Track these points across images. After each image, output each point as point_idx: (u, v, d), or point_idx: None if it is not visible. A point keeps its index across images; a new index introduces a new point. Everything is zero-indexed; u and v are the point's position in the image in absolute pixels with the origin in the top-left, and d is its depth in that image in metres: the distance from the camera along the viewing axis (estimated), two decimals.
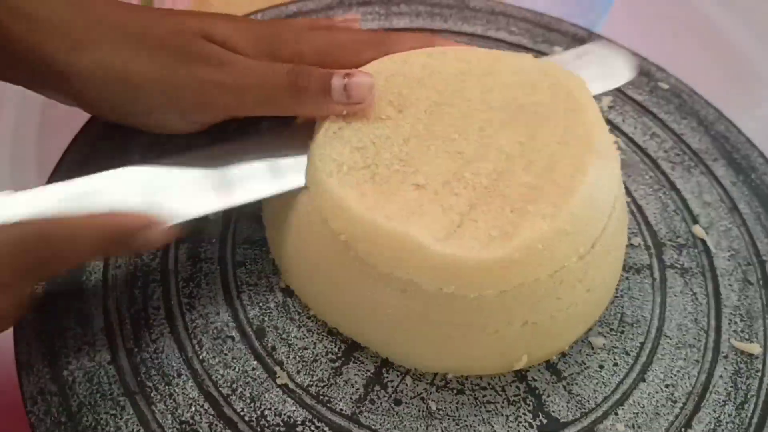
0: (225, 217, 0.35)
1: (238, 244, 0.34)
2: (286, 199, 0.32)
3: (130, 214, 0.28)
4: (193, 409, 0.29)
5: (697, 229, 0.38)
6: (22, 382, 0.29)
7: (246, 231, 0.35)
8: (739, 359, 0.33)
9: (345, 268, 0.30)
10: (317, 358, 0.31)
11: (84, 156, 0.36)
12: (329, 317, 0.32)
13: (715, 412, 0.31)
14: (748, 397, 0.32)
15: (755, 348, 0.33)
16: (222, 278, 0.33)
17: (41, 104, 0.48)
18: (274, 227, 0.34)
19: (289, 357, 0.31)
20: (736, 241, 0.38)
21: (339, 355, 0.31)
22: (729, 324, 0.34)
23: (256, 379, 0.30)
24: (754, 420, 0.31)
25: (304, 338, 0.32)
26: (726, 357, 0.33)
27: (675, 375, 0.32)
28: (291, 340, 0.31)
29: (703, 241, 0.37)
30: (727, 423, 0.31)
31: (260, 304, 0.32)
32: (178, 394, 0.29)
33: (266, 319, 0.32)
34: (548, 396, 0.31)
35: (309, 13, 0.46)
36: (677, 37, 0.59)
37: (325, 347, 0.31)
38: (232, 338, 0.31)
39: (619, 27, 0.54)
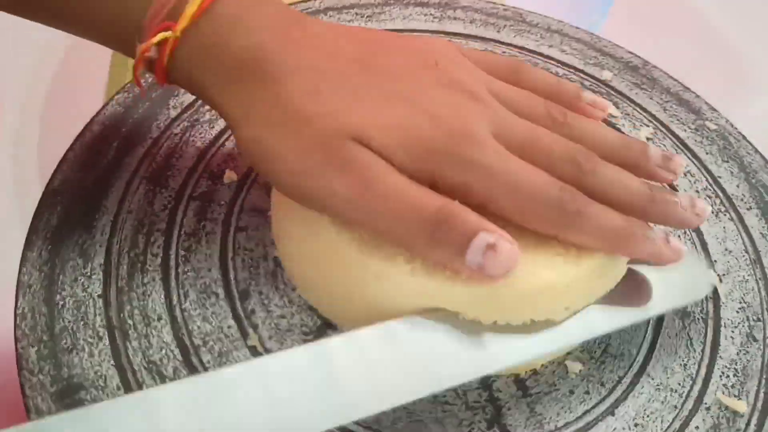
0: (239, 184, 0.37)
1: (246, 211, 0.36)
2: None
3: None
4: (163, 352, 0.31)
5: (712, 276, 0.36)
6: (18, 298, 0.31)
7: (254, 199, 0.36)
8: (721, 414, 0.32)
9: (329, 253, 0.31)
10: (291, 328, 0.32)
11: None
12: (309, 297, 0.33)
13: None
14: None
15: (742, 406, 0.32)
16: (221, 239, 0.35)
17: (43, 105, 0.48)
18: (274, 204, 0.35)
19: (264, 322, 0.32)
20: (750, 294, 0.36)
21: (313, 329, 0.32)
22: (720, 377, 0.33)
23: (228, 337, 0.32)
24: None
25: (284, 308, 0.33)
26: (708, 409, 0.32)
27: (647, 416, 0.31)
28: (271, 307, 0.33)
29: (715, 290, 0.36)
30: None
31: (251, 269, 0.34)
32: (153, 336, 0.31)
33: (253, 283, 0.33)
34: (509, 409, 0.31)
35: (365, 6, 0.47)
36: (677, 37, 0.58)
37: (302, 320, 0.32)
38: (216, 295, 0.33)
39: (619, 27, 0.53)
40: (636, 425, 0.31)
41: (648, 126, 0.43)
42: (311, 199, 0.30)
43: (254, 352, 0.31)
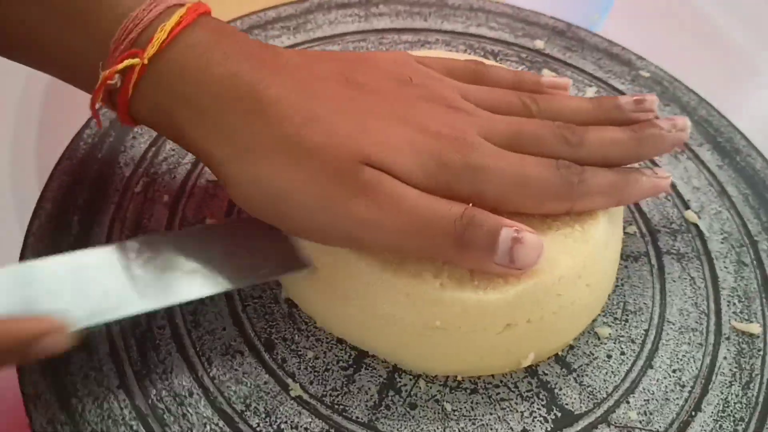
0: None
1: None
2: None
3: (30, 319, 0.25)
4: (208, 428, 0.29)
5: (690, 214, 0.38)
6: (31, 413, 0.28)
7: None
8: (740, 340, 0.34)
9: (352, 280, 0.30)
10: (329, 367, 0.31)
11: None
12: (336, 329, 0.32)
13: (722, 393, 0.32)
14: (753, 376, 0.33)
15: (755, 328, 0.34)
16: (225, 294, 0.33)
17: (41, 104, 0.47)
18: None
19: (300, 368, 0.31)
20: (727, 223, 0.38)
21: (350, 362, 0.31)
22: (728, 306, 0.35)
23: (269, 393, 0.30)
24: (761, 399, 0.32)
25: (313, 348, 0.31)
26: (728, 338, 0.34)
27: (681, 360, 0.33)
28: (300, 350, 0.31)
29: (696, 226, 0.38)
30: (734, 403, 0.32)
31: (266, 317, 0.32)
32: (191, 414, 0.29)
33: (273, 331, 0.32)
34: (560, 389, 0.31)
35: (288, 18, 0.45)
36: (677, 37, 0.60)
37: (336, 355, 0.31)
38: (241, 353, 0.31)
39: (619, 27, 0.54)
40: (674, 371, 0.32)
41: (591, 86, 0.44)
42: (333, 232, 0.28)
43: (301, 402, 0.30)
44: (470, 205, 0.28)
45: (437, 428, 0.30)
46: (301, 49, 0.38)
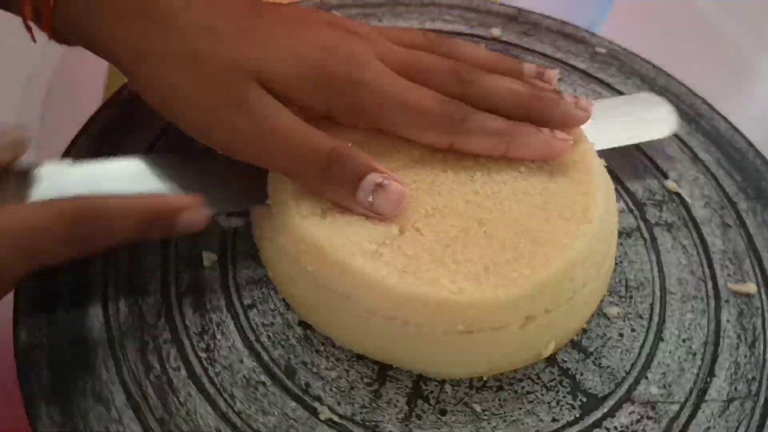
0: (221, 263, 0.34)
1: (242, 287, 0.33)
2: (277, 242, 0.32)
3: (174, 197, 0.30)
4: None
5: (670, 184, 0.40)
6: None
7: (245, 271, 0.33)
8: (739, 301, 0.35)
9: (368, 294, 0.29)
10: (353, 385, 0.31)
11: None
12: (356, 347, 0.31)
13: (732, 356, 0.33)
14: (756, 335, 0.34)
15: (751, 287, 0.35)
16: (236, 325, 0.32)
17: (41, 103, 0.48)
18: (273, 269, 0.33)
19: (325, 390, 0.30)
20: (705, 188, 0.40)
21: (374, 377, 0.31)
22: (722, 269, 0.36)
23: (298, 420, 0.29)
24: (767, 356, 0.33)
25: (334, 368, 0.31)
26: (727, 301, 0.35)
27: (688, 328, 0.34)
28: (322, 372, 0.31)
29: (678, 194, 0.39)
30: (745, 364, 0.33)
31: (282, 343, 0.31)
32: None
33: (292, 356, 0.31)
34: (581, 374, 0.32)
35: None
36: (677, 36, 0.61)
37: (358, 372, 0.31)
38: (263, 383, 0.30)
39: (619, 27, 0.55)
40: (684, 341, 0.33)
41: (555, 68, 0.45)
42: (215, 136, 0.31)
43: (332, 424, 0.29)
44: (349, 144, 0.30)
45: (470, 430, 0.30)
46: None
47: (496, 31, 0.47)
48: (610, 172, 0.38)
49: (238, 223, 0.35)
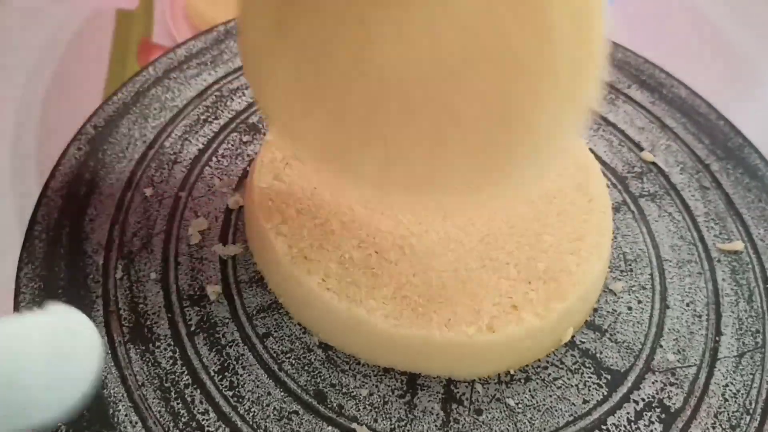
0: (226, 293, 0.33)
1: (253, 316, 0.32)
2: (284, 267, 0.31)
3: None
4: None
5: (646, 155, 0.41)
6: None
7: (253, 299, 0.33)
8: (730, 259, 0.37)
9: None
10: (386, 399, 0.30)
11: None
12: (381, 361, 0.31)
13: (734, 312, 0.34)
14: (752, 288, 0.35)
15: (738, 245, 0.37)
16: (255, 357, 0.31)
17: (41, 104, 0.47)
18: (283, 295, 0.32)
19: (359, 409, 0.30)
20: (678, 154, 0.41)
21: (405, 388, 0.31)
22: (708, 231, 0.38)
23: None
24: (765, 307, 0.35)
25: (364, 385, 0.31)
26: (719, 261, 0.36)
27: (689, 292, 0.35)
28: (353, 391, 0.30)
29: (655, 164, 0.40)
30: (747, 318, 0.34)
31: (306, 368, 0.31)
32: None
33: (319, 380, 0.31)
34: (601, 353, 0.33)
35: (201, 53, 0.43)
36: (677, 35, 0.61)
37: (388, 386, 0.31)
38: (296, 413, 0.30)
39: (619, 27, 0.55)
40: (688, 305, 0.35)
41: None
42: None
43: None
44: None
45: (508, 426, 0.30)
46: None
47: None
48: (591, 152, 0.39)
49: (237, 250, 0.34)
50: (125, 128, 0.38)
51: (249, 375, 0.30)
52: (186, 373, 0.30)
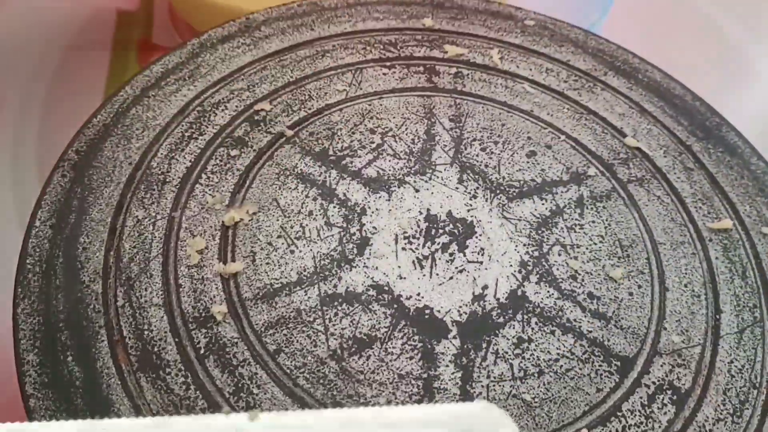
0: (233, 313, 0.32)
1: (262, 333, 0.32)
2: None
3: None
4: None
5: (629, 140, 0.41)
6: None
7: (260, 316, 0.32)
8: (720, 237, 0.37)
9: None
10: (405, 406, 0.30)
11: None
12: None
13: (730, 290, 0.35)
14: (745, 264, 0.36)
15: (728, 223, 0.38)
16: (269, 375, 0.31)
17: (42, 104, 0.48)
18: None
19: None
20: (660, 137, 0.42)
21: (422, 393, 0.31)
22: (697, 211, 0.38)
23: None
24: (759, 282, 0.36)
25: (380, 393, 0.30)
26: (711, 240, 0.37)
27: (685, 273, 0.36)
28: (371, 401, 0.30)
29: (639, 149, 0.41)
30: (743, 294, 0.35)
31: (321, 381, 0.31)
32: None
33: (335, 393, 0.30)
34: (608, 340, 0.33)
35: (177, 69, 0.42)
36: (677, 36, 0.61)
37: (405, 392, 0.31)
38: None
39: (619, 27, 0.55)
40: (686, 286, 0.35)
41: (493, 48, 0.46)
42: None
43: None
44: None
45: (527, 422, 0.30)
46: None
47: (428, 21, 0.47)
48: (576, 142, 0.39)
49: (238, 268, 0.33)
50: (109, 151, 0.37)
51: (264, 394, 0.30)
52: (200, 397, 0.30)
